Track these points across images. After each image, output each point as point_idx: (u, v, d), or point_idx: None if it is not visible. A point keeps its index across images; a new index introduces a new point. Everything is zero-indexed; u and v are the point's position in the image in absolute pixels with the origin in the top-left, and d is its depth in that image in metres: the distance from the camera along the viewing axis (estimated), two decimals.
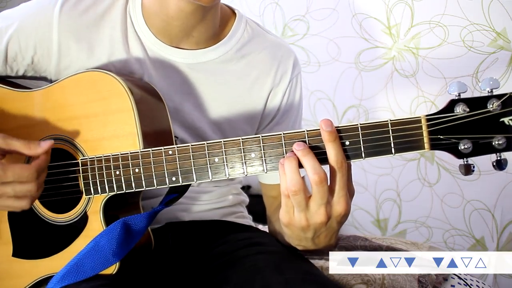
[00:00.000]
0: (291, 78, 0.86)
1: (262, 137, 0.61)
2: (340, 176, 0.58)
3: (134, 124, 0.68)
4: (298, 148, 0.58)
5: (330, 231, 0.64)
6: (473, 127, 0.55)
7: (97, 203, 0.70)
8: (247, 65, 0.83)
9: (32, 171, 0.65)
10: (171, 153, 0.65)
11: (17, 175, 0.64)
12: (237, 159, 0.62)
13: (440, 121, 0.55)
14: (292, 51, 0.89)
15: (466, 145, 0.55)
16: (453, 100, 0.55)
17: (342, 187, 0.59)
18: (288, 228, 0.64)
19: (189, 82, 0.81)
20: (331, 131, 0.57)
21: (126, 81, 0.69)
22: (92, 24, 0.78)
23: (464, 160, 0.56)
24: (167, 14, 0.75)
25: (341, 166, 0.57)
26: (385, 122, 0.57)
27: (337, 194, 0.59)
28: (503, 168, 0.55)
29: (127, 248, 0.67)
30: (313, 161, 0.57)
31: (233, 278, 0.71)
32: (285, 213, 0.62)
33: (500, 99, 0.53)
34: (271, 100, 0.86)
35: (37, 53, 0.78)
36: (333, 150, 0.57)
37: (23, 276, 0.75)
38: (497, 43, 1.31)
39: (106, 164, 0.68)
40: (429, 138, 0.56)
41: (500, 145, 0.54)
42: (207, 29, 0.79)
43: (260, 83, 0.84)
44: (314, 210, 0.59)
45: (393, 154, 0.57)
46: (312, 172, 0.57)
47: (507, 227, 1.43)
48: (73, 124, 0.72)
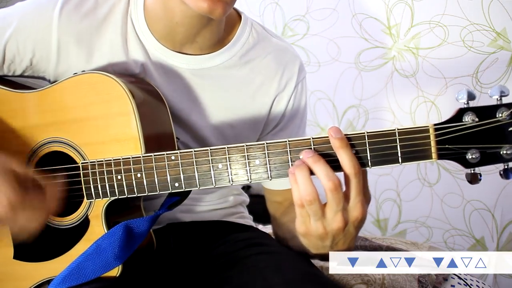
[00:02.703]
0: (296, 83, 0.85)
1: (267, 143, 0.60)
2: (356, 182, 0.57)
3: (135, 128, 0.67)
4: (307, 155, 0.57)
5: (348, 237, 0.62)
6: (482, 136, 0.54)
7: (98, 207, 0.70)
8: (251, 70, 0.82)
9: (44, 203, 0.65)
10: (173, 158, 0.64)
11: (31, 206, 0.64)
12: (241, 165, 0.61)
13: (448, 130, 0.54)
14: (298, 56, 0.87)
15: (474, 154, 0.54)
16: (461, 109, 0.54)
17: (358, 193, 0.57)
18: (305, 238, 0.63)
19: (192, 88, 0.80)
20: (341, 138, 0.56)
21: (126, 84, 0.69)
22: (93, 29, 0.76)
23: (471, 170, 0.56)
24: (171, 20, 0.74)
25: (357, 172, 0.56)
26: (392, 131, 0.56)
27: (353, 200, 0.58)
28: (510, 177, 0.54)
29: (129, 251, 0.67)
30: (325, 167, 0.56)
31: (234, 279, 0.71)
32: (301, 224, 0.60)
33: (510, 109, 0.53)
34: (275, 106, 0.84)
35: (35, 55, 0.76)
36: (346, 156, 0.56)
37: (24, 278, 0.74)
38: (497, 43, 1.32)
39: (107, 168, 0.68)
40: (437, 148, 0.55)
41: (508, 155, 0.53)
42: (212, 34, 0.78)
43: (264, 89, 0.83)
44: (330, 217, 0.58)
45: (400, 163, 0.56)
46: (326, 179, 0.55)
47: (507, 227, 1.43)
48: (74, 127, 0.71)
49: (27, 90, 0.77)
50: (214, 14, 0.67)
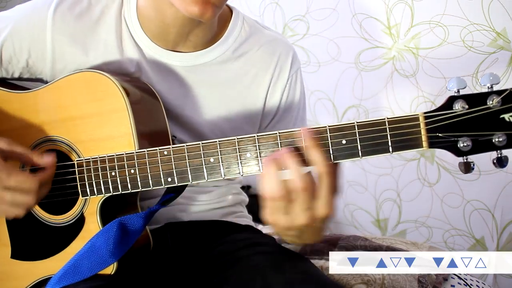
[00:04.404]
0: (290, 74, 0.85)
1: (258, 136, 0.60)
2: (327, 181, 0.56)
3: (129, 124, 0.68)
4: (283, 152, 0.57)
5: (315, 230, 0.63)
6: (473, 124, 0.53)
7: (93, 205, 0.70)
8: (245, 63, 0.83)
9: (35, 183, 0.65)
10: (166, 154, 0.65)
11: (20, 183, 0.64)
12: (233, 159, 0.62)
13: (438, 118, 0.54)
14: (291, 46, 0.87)
15: (466, 142, 0.54)
16: (452, 97, 0.54)
17: (328, 191, 0.57)
18: (273, 227, 0.63)
19: (187, 85, 0.81)
20: (311, 138, 0.56)
21: (120, 81, 0.69)
22: (87, 29, 0.77)
23: (463, 158, 0.55)
24: (163, 21, 0.75)
25: (327, 171, 0.56)
26: (382, 120, 0.56)
27: (323, 198, 0.57)
28: (504, 166, 0.54)
29: (124, 248, 0.67)
30: (298, 167, 0.56)
31: (233, 278, 0.71)
32: (268, 215, 0.60)
33: (500, 95, 0.52)
34: (270, 98, 0.85)
35: (31, 56, 0.77)
36: (318, 154, 0.56)
37: (21, 277, 0.75)
38: (497, 43, 1.31)
39: (101, 165, 0.68)
40: (427, 136, 0.54)
41: (500, 142, 0.53)
42: (205, 32, 0.79)
43: (258, 81, 0.83)
44: (297, 214, 0.58)
45: (390, 153, 0.56)
46: (298, 178, 0.55)
47: (507, 227, 1.43)
48: (68, 125, 0.72)
49: (22, 90, 0.77)
50: (204, 17, 0.68)
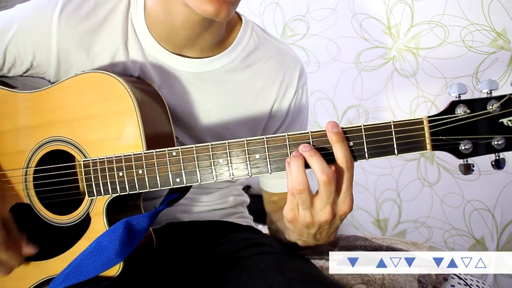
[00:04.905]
0: (296, 89, 0.85)
1: (267, 138, 0.61)
2: (348, 176, 0.59)
3: (137, 125, 0.68)
4: (304, 149, 0.58)
5: (333, 227, 0.65)
6: (473, 128, 0.56)
7: (100, 205, 0.70)
8: (252, 75, 0.82)
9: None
10: (174, 154, 0.65)
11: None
12: (242, 160, 0.63)
13: (441, 122, 0.56)
14: (299, 60, 0.87)
15: (467, 145, 0.56)
16: (454, 102, 0.56)
17: (348, 187, 0.60)
18: (291, 224, 0.65)
19: (192, 91, 0.80)
20: (338, 132, 0.58)
21: (128, 83, 0.69)
22: (92, 31, 0.76)
23: (464, 160, 0.58)
24: (172, 23, 0.73)
25: (350, 166, 0.59)
26: (387, 124, 0.58)
27: (343, 194, 0.60)
28: (502, 167, 0.57)
29: (130, 248, 0.67)
30: (320, 161, 0.58)
31: (234, 279, 0.71)
32: (289, 210, 0.62)
33: (499, 101, 0.55)
34: (275, 111, 0.84)
35: (36, 58, 0.76)
36: (341, 151, 0.58)
37: (26, 277, 0.75)
38: (497, 43, 1.32)
39: (109, 165, 0.68)
40: (431, 139, 0.57)
41: (499, 145, 0.56)
42: (213, 37, 0.77)
43: (265, 94, 0.83)
44: (319, 209, 0.60)
45: (395, 155, 0.58)
46: (320, 172, 0.57)
47: (507, 227, 1.43)
48: (75, 125, 0.72)
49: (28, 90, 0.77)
50: (219, 16, 0.67)
